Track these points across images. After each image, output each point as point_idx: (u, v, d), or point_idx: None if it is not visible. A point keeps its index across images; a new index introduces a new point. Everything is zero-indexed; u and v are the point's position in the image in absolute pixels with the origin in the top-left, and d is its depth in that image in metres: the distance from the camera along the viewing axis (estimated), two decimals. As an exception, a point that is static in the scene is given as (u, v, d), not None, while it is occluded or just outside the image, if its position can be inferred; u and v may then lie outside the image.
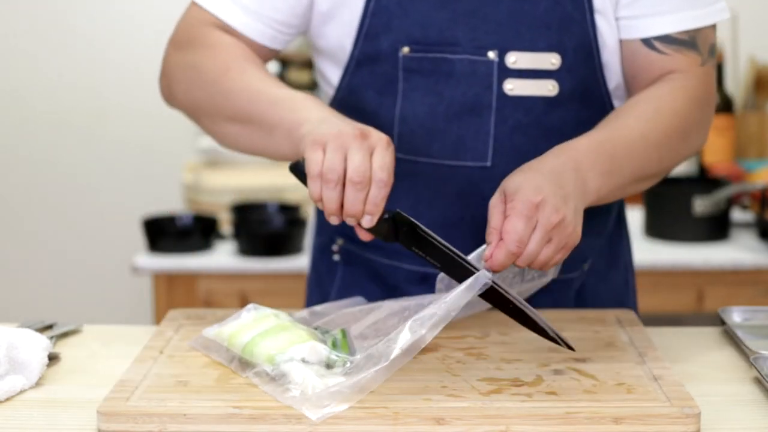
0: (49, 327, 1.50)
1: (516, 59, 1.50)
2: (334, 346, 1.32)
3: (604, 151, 1.42)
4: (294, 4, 1.53)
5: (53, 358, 1.38)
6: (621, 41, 1.53)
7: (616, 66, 1.55)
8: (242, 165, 3.06)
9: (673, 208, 2.75)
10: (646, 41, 1.52)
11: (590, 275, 1.64)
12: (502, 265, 1.31)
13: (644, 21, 1.51)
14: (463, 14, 1.50)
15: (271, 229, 2.78)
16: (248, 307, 1.38)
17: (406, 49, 1.51)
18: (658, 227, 2.77)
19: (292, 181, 1.42)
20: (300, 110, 1.40)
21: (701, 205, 2.72)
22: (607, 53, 1.53)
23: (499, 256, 1.31)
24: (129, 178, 3.59)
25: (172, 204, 3.37)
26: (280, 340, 1.29)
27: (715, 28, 1.55)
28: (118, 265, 3.50)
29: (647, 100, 1.50)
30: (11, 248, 3.62)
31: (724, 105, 3.08)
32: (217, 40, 1.52)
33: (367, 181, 1.28)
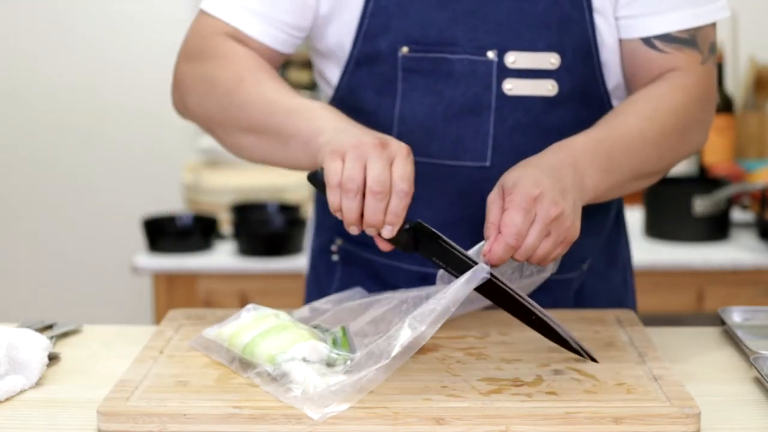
0: (49, 327, 1.50)
1: (515, 59, 1.50)
2: (335, 344, 1.32)
3: (602, 149, 1.42)
4: (302, 6, 1.52)
5: (53, 358, 1.38)
6: (621, 40, 1.53)
7: (615, 65, 1.55)
8: (242, 165, 3.05)
9: (673, 208, 2.75)
10: (647, 40, 1.52)
11: (589, 275, 1.64)
12: (501, 259, 1.30)
13: (644, 20, 1.51)
14: (463, 14, 1.50)
15: (271, 229, 2.77)
16: (248, 308, 1.38)
17: (406, 49, 1.51)
18: (658, 227, 2.77)
19: (292, 181, 1.42)
20: (316, 119, 1.39)
21: (701, 205, 2.71)
22: (606, 53, 1.53)
23: (497, 249, 1.30)
24: (129, 178, 3.59)
25: (172, 204, 3.37)
26: (280, 340, 1.29)
27: (716, 27, 1.55)
28: (118, 265, 3.49)
29: (646, 98, 1.50)
30: (11, 248, 3.62)
31: (724, 105, 3.08)
32: (230, 50, 1.50)
33: (388, 191, 1.28)
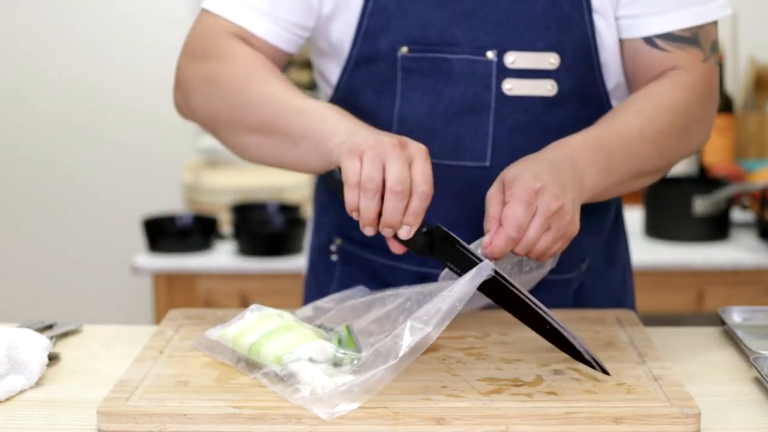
0: (49, 327, 1.50)
1: (515, 59, 1.50)
2: (340, 344, 1.31)
3: (601, 148, 1.42)
4: (305, 5, 1.52)
5: (53, 358, 1.38)
6: (622, 40, 1.53)
7: (614, 66, 1.54)
8: (242, 165, 3.04)
9: (673, 208, 2.75)
10: (648, 40, 1.52)
11: (588, 275, 1.64)
12: (501, 252, 1.30)
13: (645, 20, 1.51)
14: (462, 14, 1.50)
15: (271, 229, 2.77)
16: (251, 308, 1.37)
17: (405, 49, 1.51)
18: (658, 227, 2.77)
19: (292, 181, 1.41)
20: (327, 121, 1.38)
21: (701, 205, 2.71)
22: (606, 53, 1.53)
23: (498, 242, 1.30)
24: (129, 178, 3.59)
25: (172, 204, 3.37)
26: (286, 340, 1.29)
27: (717, 25, 1.54)
28: (118, 265, 3.49)
29: (647, 96, 1.50)
30: (11, 248, 3.62)
31: (724, 105, 3.08)
32: (235, 49, 1.49)
33: (408, 191, 1.27)
